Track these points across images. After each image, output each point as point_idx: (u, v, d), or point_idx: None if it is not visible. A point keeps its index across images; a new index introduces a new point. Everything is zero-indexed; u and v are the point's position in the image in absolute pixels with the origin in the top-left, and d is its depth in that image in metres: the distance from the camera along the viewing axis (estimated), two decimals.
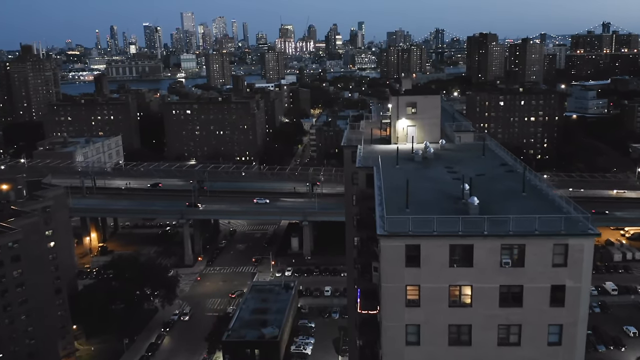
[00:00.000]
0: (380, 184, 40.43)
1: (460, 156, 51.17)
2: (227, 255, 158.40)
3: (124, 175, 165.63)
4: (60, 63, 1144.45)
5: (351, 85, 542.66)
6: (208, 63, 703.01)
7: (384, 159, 47.36)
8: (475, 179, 40.22)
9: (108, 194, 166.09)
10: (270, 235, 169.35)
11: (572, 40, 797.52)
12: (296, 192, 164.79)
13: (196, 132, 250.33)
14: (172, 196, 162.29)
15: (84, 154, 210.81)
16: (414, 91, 61.75)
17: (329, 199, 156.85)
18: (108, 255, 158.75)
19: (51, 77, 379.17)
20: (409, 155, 50.47)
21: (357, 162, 47.32)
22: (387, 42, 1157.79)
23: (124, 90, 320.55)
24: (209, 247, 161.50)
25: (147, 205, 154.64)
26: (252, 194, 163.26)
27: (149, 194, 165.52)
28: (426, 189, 41.47)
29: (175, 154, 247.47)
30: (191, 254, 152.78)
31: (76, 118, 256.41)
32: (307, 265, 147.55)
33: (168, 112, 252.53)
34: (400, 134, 55.62)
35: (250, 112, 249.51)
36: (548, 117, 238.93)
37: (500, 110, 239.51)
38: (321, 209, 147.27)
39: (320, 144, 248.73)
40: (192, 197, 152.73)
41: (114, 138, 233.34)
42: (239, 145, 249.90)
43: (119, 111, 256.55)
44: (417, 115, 54.84)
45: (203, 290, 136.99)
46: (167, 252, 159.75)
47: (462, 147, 55.14)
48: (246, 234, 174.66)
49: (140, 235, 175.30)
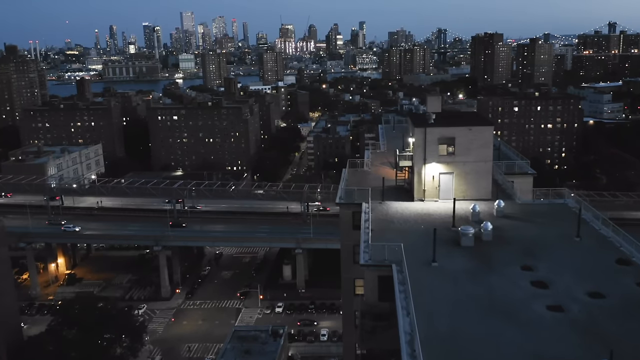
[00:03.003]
0: (411, 328, 20.64)
1: (537, 235, 32.16)
2: (210, 286, 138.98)
3: (94, 193, 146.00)
4: (58, 63, 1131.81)
5: (352, 87, 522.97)
6: (204, 63, 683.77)
7: (407, 245, 27.78)
8: (593, 312, 20.59)
9: (76, 215, 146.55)
10: (259, 261, 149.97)
11: (579, 40, 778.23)
12: (289, 211, 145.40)
13: (184, 140, 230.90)
14: (149, 217, 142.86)
15: (58, 165, 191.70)
16: (449, 118, 41.86)
17: (326, 221, 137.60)
18: (76, 285, 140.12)
19: (36, 78, 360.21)
20: (450, 234, 31.30)
21: (362, 258, 27.61)
22: (388, 42, 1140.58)
23: (109, 93, 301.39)
24: (190, 276, 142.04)
25: (118, 229, 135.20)
26: (239, 214, 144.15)
27: (122, 214, 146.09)
28: (508, 347, 21.33)
29: (160, 164, 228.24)
30: (168, 285, 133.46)
31: (54, 124, 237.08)
32: (301, 299, 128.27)
33: (153, 117, 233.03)
34: (429, 186, 36.58)
35: (243, 118, 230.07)
36: (566, 124, 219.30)
37: (514, 116, 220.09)
38: (317, 234, 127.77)
39: (319, 152, 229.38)
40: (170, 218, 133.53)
41: (93, 147, 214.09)
42: (230, 154, 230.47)
43: (101, 117, 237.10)
44: (455, 158, 35.80)
45: (179, 332, 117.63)
46: (142, 282, 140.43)
47: (530, 211, 36.00)
48: (233, 257, 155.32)
49: (115, 259, 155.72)
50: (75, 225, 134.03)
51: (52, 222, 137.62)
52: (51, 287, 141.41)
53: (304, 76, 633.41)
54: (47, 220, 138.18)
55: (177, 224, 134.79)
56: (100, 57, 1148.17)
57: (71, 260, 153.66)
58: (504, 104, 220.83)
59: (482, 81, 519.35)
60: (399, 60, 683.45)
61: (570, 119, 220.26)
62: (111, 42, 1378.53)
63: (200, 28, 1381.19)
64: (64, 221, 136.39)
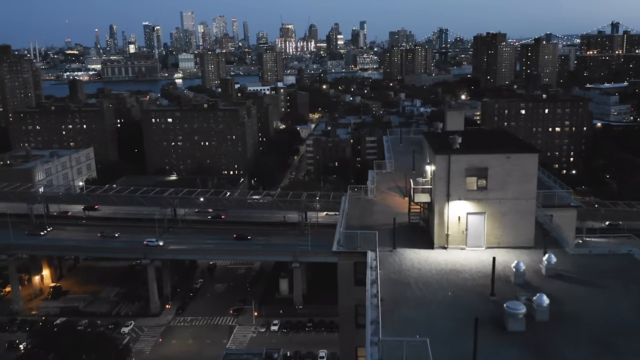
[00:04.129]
0: None
1: (610, 310, 23.88)
2: (202, 300, 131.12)
3: (80, 201, 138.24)
4: (57, 62, 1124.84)
5: (353, 88, 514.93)
6: (203, 63, 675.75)
7: (433, 328, 19.58)
8: None
9: (62, 224, 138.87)
10: (255, 273, 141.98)
11: (582, 40, 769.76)
12: (286, 221, 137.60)
13: (178, 143, 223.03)
14: (138, 227, 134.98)
15: (46, 170, 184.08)
16: (479, 141, 33.10)
17: (325, 232, 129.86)
18: (60, 300, 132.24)
19: (30, 79, 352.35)
20: (489, 309, 23.27)
21: (369, 354, 19.30)
22: (389, 42, 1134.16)
23: (103, 94, 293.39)
24: (181, 289, 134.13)
25: (105, 241, 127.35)
26: (233, 224, 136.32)
27: (111, 224, 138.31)
28: None
29: (154, 168, 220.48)
30: (157, 300, 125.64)
31: (45, 127, 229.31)
32: (298, 316, 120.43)
33: (147, 120, 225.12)
34: (454, 229, 28.83)
35: (240, 121, 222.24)
36: (575, 127, 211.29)
37: (521, 119, 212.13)
38: (315, 247, 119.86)
39: (318, 156, 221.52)
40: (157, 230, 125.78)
41: (85, 150, 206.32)
42: (227, 158, 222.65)
43: (93, 119, 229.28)
44: (488, 194, 28.03)
45: (167, 353, 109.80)
46: (131, 295, 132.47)
47: (588, 266, 27.66)
48: (228, 269, 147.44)
49: (103, 270, 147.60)
50: (158, 240, 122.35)
51: (32, 233, 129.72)
52: (35, 301, 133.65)
53: (304, 76, 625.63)
54: (26, 230, 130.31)
55: None
56: (100, 56, 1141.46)
57: (57, 271, 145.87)
58: (511, 106, 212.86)
59: (485, 82, 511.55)
60: (400, 61, 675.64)
61: (579, 122, 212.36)
62: (111, 42, 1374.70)
63: (200, 28, 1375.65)
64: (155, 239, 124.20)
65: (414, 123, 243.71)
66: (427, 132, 34.71)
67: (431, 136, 33.65)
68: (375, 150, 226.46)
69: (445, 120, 36.09)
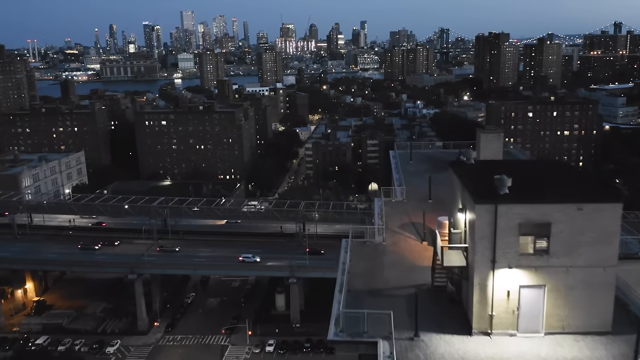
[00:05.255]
0: None
1: None
2: (193, 316, 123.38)
3: (64, 211, 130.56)
4: (57, 62, 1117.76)
5: (353, 88, 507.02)
6: (201, 63, 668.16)
7: None
8: None
9: (46, 235, 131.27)
10: (250, 287, 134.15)
11: (586, 40, 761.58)
12: (283, 232, 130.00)
13: (173, 147, 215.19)
14: (126, 239, 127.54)
15: (34, 176, 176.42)
16: (534, 180, 23.86)
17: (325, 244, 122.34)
18: (44, 316, 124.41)
19: (24, 79, 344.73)
20: None
21: None
22: (390, 41, 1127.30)
23: (96, 95, 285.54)
24: (171, 305, 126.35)
25: (88, 256, 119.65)
26: (227, 235, 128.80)
27: (96, 235, 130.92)
28: None
29: (148, 173, 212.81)
30: (145, 317, 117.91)
31: (35, 129, 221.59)
32: (295, 335, 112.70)
33: (140, 122, 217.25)
34: (501, 307, 20.58)
35: (236, 123, 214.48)
36: (584, 130, 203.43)
37: (528, 122, 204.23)
38: (313, 261, 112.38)
39: (318, 160, 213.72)
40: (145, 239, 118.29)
41: (75, 154, 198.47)
42: (223, 162, 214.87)
43: (85, 121, 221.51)
44: (550, 260, 20.16)
45: None
46: (118, 311, 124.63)
47: None
48: (221, 281, 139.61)
49: (91, 282, 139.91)
50: (254, 255, 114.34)
51: (85, 247, 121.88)
52: (17, 317, 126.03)
53: (304, 76, 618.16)
54: (79, 244, 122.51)
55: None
56: (100, 56, 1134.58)
57: (42, 283, 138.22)
58: (518, 108, 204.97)
59: (488, 82, 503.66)
60: (401, 61, 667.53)
61: (589, 125, 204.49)
62: (111, 41, 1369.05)
63: (200, 27, 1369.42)
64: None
65: (416, 125, 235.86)
66: (456, 163, 26.29)
67: (463, 170, 25.00)
68: (377, 154, 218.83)
69: (478, 146, 27.89)
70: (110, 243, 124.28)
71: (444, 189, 37.56)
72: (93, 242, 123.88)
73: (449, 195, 25.05)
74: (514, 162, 31.87)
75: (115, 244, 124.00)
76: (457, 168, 24.83)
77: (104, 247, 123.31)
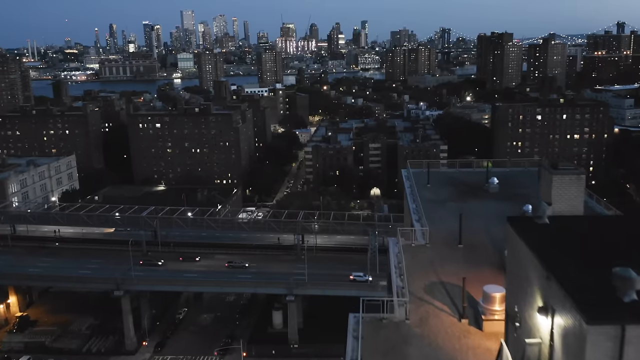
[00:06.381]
0: None
1: None
2: (185, 334, 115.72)
3: (48, 220, 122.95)
4: (56, 62, 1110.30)
5: (354, 89, 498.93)
6: (200, 63, 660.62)
7: None
8: None
9: (29, 248, 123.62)
10: (245, 302, 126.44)
11: (589, 40, 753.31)
12: (280, 244, 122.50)
13: (168, 150, 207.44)
14: (114, 251, 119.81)
15: (21, 181, 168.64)
16: None
17: (325, 257, 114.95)
18: (26, 333, 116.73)
19: (17, 79, 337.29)
20: None
21: None
22: (391, 41, 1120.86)
23: (90, 96, 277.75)
24: (161, 322, 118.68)
25: (73, 268, 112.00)
26: (221, 247, 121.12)
27: (83, 246, 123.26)
28: None
29: (142, 177, 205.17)
30: (133, 335, 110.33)
31: (25, 132, 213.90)
32: (293, 357, 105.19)
33: (134, 125, 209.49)
34: None
35: (233, 126, 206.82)
36: (595, 134, 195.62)
37: (537, 125, 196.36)
38: (312, 277, 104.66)
39: (318, 164, 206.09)
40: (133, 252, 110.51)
41: (66, 158, 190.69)
42: (219, 166, 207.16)
43: (77, 124, 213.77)
44: None
45: None
46: (105, 328, 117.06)
47: None
48: (216, 296, 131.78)
49: (78, 297, 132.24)
50: (366, 274, 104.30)
51: (148, 263, 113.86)
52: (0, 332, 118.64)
53: (304, 77, 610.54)
54: (140, 260, 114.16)
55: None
56: (99, 56, 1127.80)
57: (26, 297, 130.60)
58: (526, 111, 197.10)
59: (491, 83, 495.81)
60: (403, 61, 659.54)
61: (600, 129, 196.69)
62: (111, 41, 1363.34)
63: (200, 27, 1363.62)
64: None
65: (420, 128, 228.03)
66: (523, 224, 17.51)
67: (541, 241, 16.27)
68: (379, 159, 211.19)
69: (549, 190, 19.48)
70: (190, 259, 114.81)
71: (476, 226, 29.95)
72: (156, 258, 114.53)
73: (484, 237, 17.82)
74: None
75: (196, 260, 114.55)
76: (528, 235, 16.45)
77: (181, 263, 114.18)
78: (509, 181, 39.08)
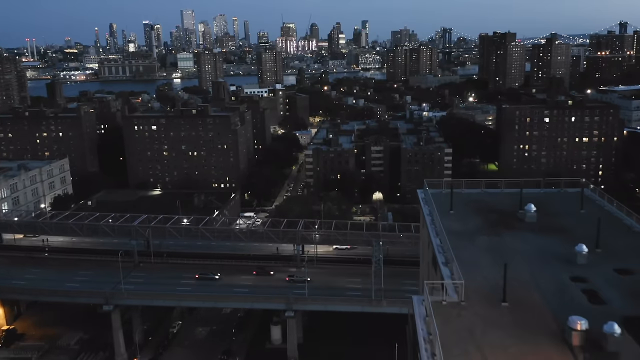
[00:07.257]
0: None
1: None
2: (178, 350, 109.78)
3: (35, 229, 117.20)
4: (56, 61, 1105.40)
5: (355, 89, 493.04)
6: (199, 63, 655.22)
7: None
8: None
9: (15, 258, 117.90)
10: (243, 315, 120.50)
11: (592, 40, 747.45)
12: (279, 254, 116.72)
13: (164, 153, 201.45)
14: (105, 262, 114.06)
15: (12, 186, 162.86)
16: None
17: (326, 269, 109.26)
18: (12, 349, 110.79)
19: (12, 80, 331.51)
20: None
21: None
22: (391, 41, 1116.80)
23: (85, 97, 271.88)
24: (153, 337, 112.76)
25: (60, 281, 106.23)
26: (217, 258, 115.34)
27: (72, 256, 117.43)
28: None
29: (137, 181, 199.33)
30: (124, 352, 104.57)
31: (18, 134, 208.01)
32: None
33: (129, 127, 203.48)
34: None
35: (232, 128, 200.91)
36: (604, 137, 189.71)
37: (544, 128, 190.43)
38: (313, 291, 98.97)
39: (318, 167, 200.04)
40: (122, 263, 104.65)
41: (59, 162, 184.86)
42: (217, 170, 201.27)
43: (71, 126, 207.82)
44: None
45: None
46: (95, 343, 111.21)
47: None
48: (211, 309, 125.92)
49: (68, 308, 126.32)
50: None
51: (203, 276, 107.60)
52: None
53: (304, 77, 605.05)
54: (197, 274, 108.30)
55: None
56: (99, 55, 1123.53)
57: (14, 309, 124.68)
58: (533, 113, 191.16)
59: (494, 83, 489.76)
60: (404, 61, 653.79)
61: (609, 131, 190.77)
62: (111, 41, 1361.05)
63: (200, 26, 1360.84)
64: None
65: (423, 130, 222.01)
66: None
67: None
68: (382, 162, 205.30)
69: None
70: (264, 273, 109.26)
71: (518, 271, 23.83)
72: (212, 271, 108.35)
73: (532, 290, 12.27)
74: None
75: (270, 274, 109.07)
76: None
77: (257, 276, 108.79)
78: (546, 207, 32.92)
